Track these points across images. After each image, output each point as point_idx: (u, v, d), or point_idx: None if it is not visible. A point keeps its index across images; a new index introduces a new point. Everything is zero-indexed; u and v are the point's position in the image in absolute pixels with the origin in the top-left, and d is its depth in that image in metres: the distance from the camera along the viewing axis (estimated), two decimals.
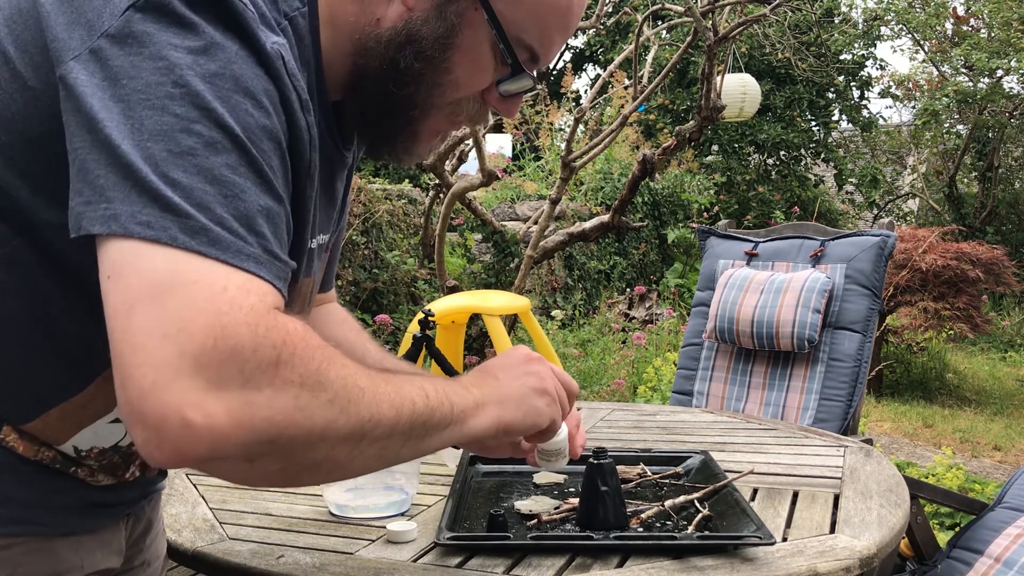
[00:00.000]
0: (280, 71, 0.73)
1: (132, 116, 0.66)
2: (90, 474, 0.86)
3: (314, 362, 0.66)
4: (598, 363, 5.65)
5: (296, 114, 0.75)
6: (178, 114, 0.66)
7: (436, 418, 0.77)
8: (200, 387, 0.61)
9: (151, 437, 0.62)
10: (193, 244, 0.64)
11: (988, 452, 4.98)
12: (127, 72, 0.67)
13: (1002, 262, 6.10)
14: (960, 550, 2.15)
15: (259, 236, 0.67)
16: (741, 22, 5.09)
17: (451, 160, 5.60)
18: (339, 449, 0.69)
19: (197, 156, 0.66)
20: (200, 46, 0.68)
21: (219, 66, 0.68)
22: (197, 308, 0.62)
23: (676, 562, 1.08)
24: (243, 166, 0.68)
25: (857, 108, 11.89)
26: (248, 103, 0.69)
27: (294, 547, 1.16)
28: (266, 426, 0.64)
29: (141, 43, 0.67)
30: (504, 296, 4.18)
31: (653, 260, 8.84)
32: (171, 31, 0.68)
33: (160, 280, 0.63)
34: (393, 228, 6.19)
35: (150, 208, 0.64)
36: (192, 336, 0.61)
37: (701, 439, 1.82)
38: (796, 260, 2.91)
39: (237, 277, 0.65)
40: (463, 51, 0.83)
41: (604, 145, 5.25)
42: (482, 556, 1.11)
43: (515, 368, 0.94)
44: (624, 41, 11.27)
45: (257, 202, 0.68)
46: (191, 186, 0.65)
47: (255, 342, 0.63)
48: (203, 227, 0.64)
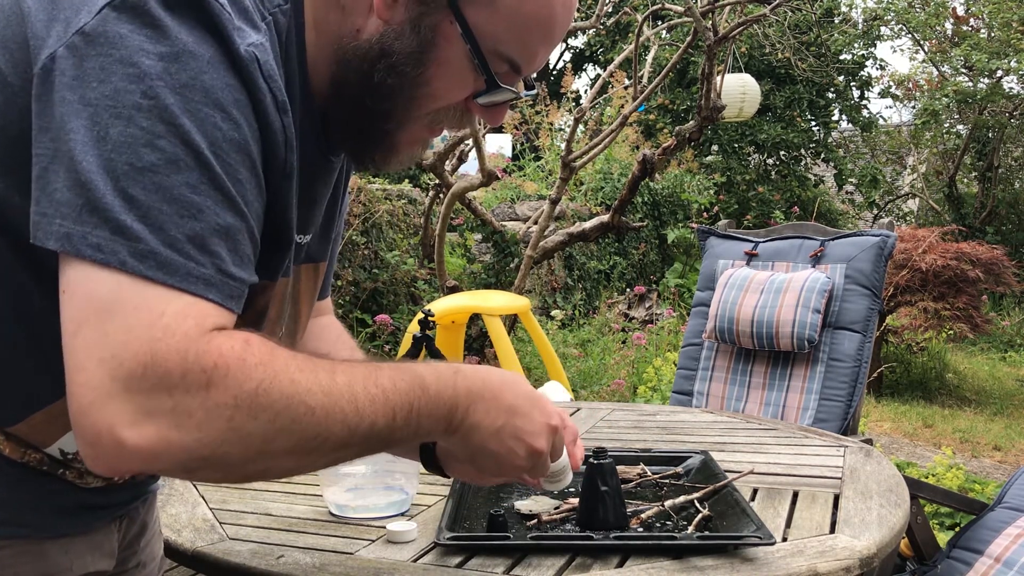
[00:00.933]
0: (254, 74, 0.72)
1: (98, 123, 0.66)
2: (79, 476, 0.85)
3: (251, 382, 0.67)
4: (598, 363, 5.65)
5: (270, 116, 0.74)
6: (143, 127, 0.66)
7: (395, 438, 0.77)
8: (130, 410, 0.64)
9: (88, 452, 0.66)
10: (141, 268, 0.65)
11: (988, 452, 4.98)
12: (97, 75, 0.67)
13: (1002, 262, 6.10)
14: (960, 550, 2.15)
15: (212, 256, 0.68)
16: (741, 22, 5.09)
17: (451, 160, 5.60)
18: (282, 460, 0.71)
19: (158, 173, 0.66)
20: (172, 52, 0.68)
21: (190, 76, 0.68)
22: (132, 334, 0.64)
23: (676, 562, 1.08)
24: (204, 184, 0.68)
25: (857, 108, 11.88)
26: (217, 115, 0.69)
27: (294, 547, 1.16)
28: (197, 446, 0.66)
29: (113, 45, 0.67)
30: (504, 296, 4.18)
31: (653, 260, 8.84)
32: (144, 34, 0.68)
33: (103, 305, 0.65)
34: (393, 228, 6.19)
35: (101, 230, 0.65)
36: (123, 362, 0.64)
37: (701, 439, 1.81)
38: (796, 260, 2.90)
39: (177, 302, 0.66)
40: (439, 64, 0.82)
41: (604, 145, 5.25)
42: (482, 556, 1.11)
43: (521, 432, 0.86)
44: (624, 41, 11.27)
45: (215, 221, 0.69)
46: (148, 205, 0.66)
47: (184, 368, 0.64)
48: (152, 251, 0.66)
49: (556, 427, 0.90)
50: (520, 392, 0.87)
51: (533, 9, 0.81)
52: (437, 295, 5.47)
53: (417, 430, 0.79)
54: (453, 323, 3.64)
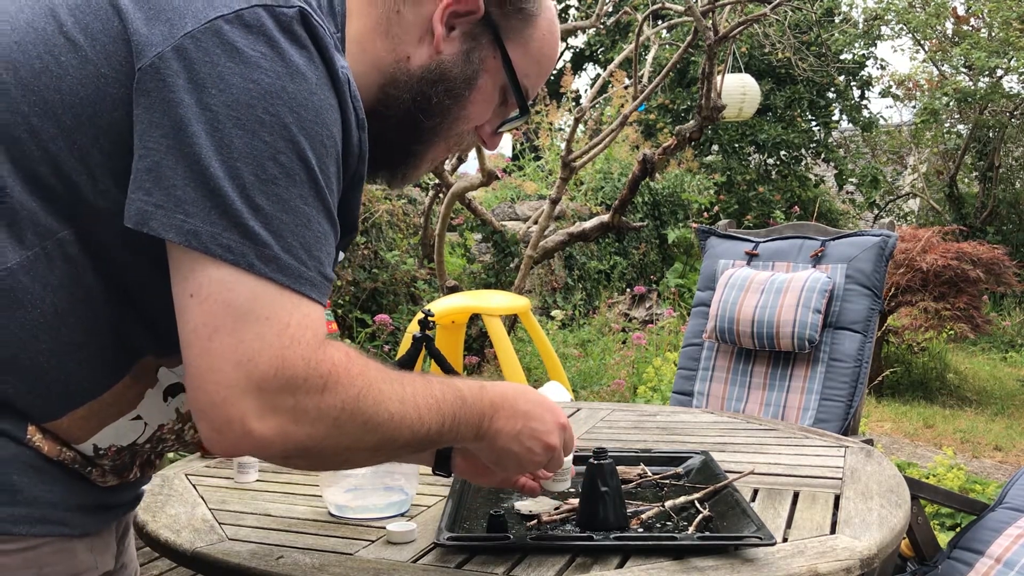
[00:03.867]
0: (347, 94, 0.80)
1: (220, 131, 0.73)
2: (101, 475, 0.87)
3: (354, 389, 0.78)
4: (598, 363, 5.65)
5: (352, 133, 0.82)
6: (267, 141, 0.74)
7: (443, 440, 0.91)
8: (259, 406, 0.74)
9: (215, 436, 0.75)
10: (266, 271, 0.74)
11: (989, 452, 4.98)
12: (215, 83, 0.73)
13: (1002, 262, 6.10)
14: (961, 550, 2.15)
15: (317, 261, 0.77)
16: (741, 21, 5.09)
17: (451, 160, 5.60)
18: (359, 456, 0.85)
19: (279, 185, 0.74)
20: (287, 72, 0.75)
21: (304, 96, 0.75)
22: (265, 342, 0.73)
23: (676, 563, 1.08)
24: (312, 196, 0.77)
25: (857, 108, 11.88)
26: (323, 134, 0.77)
27: (294, 547, 1.15)
28: (306, 441, 0.77)
29: (231, 56, 0.73)
30: (504, 296, 4.18)
31: (653, 260, 8.84)
32: (260, 50, 0.74)
33: (239, 312, 0.73)
34: (393, 228, 6.19)
35: (231, 232, 0.73)
36: (258, 366, 0.73)
37: (701, 439, 1.81)
38: (796, 260, 2.90)
39: (297, 312, 0.75)
40: (479, 91, 0.95)
41: (604, 145, 5.25)
42: (482, 556, 1.11)
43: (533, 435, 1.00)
44: (624, 41, 11.27)
45: (319, 230, 0.78)
46: (271, 214, 0.74)
47: (307, 373, 0.75)
48: (275, 256, 0.74)
49: (565, 425, 1.04)
50: (531, 399, 1.01)
51: (547, 49, 0.99)
52: (437, 295, 5.47)
53: (455, 436, 0.91)
54: (453, 323, 3.64)
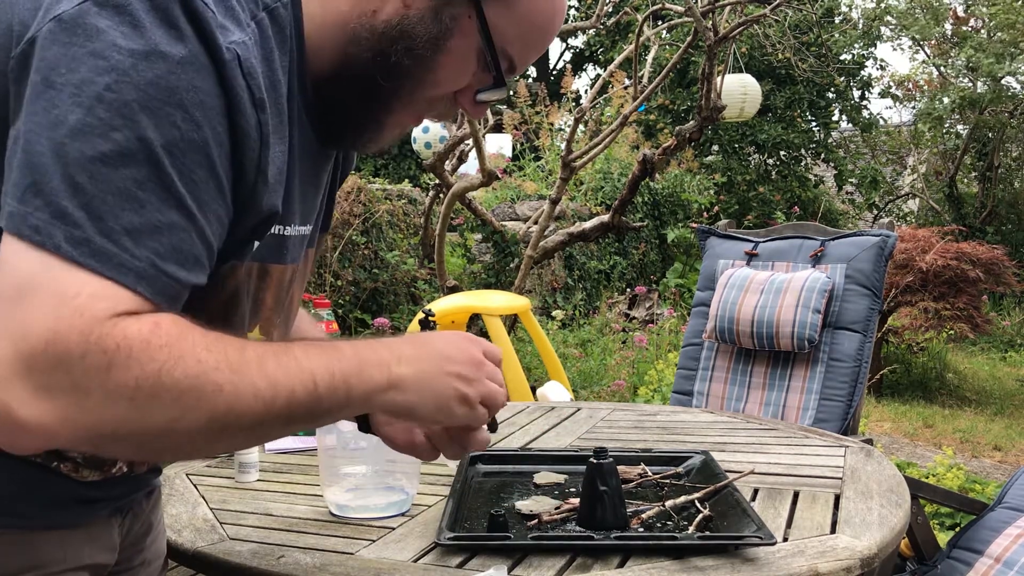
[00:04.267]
0: (233, 72, 0.74)
1: (58, 108, 0.68)
2: (74, 469, 0.85)
3: (154, 364, 0.68)
4: (598, 363, 5.65)
5: (245, 115, 0.76)
6: (102, 118, 0.68)
7: (324, 405, 0.78)
8: (30, 388, 0.65)
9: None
10: (74, 254, 0.66)
11: (988, 452, 4.98)
12: (67, 63, 0.69)
13: (1002, 262, 6.10)
14: (960, 550, 2.15)
15: (148, 250, 0.69)
16: (741, 22, 5.09)
17: (451, 160, 5.60)
18: (196, 437, 0.72)
19: (107, 164, 0.68)
20: (143, 50, 0.69)
21: (156, 74, 0.69)
22: (41, 312, 0.65)
23: (677, 562, 1.08)
24: (151, 181, 0.69)
25: (857, 108, 11.88)
26: (177, 115, 0.70)
27: (294, 547, 1.15)
28: (99, 426, 0.67)
29: (88, 36, 0.69)
30: (504, 296, 4.18)
31: (653, 260, 8.84)
32: (120, 30, 0.69)
33: (24, 282, 0.66)
34: (393, 228, 6.19)
35: (42, 212, 0.67)
36: (27, 339, 0.65)
37: (701, 439, 1.81)
38: (796, 260, 2.90)
39: (96, 285, 0.67)
40: (451, 54, 0.86)
41: (604, 145, 5.25)
42: (482, 556, 1.11)
43: (453, 363, 0.88)
44: (624, 41, 11.27)
45: (157, 217, 0.70)
46: (92, 193, 0.67)
47: (84, 348, 0.65)
48: (88, 238, 0.67)
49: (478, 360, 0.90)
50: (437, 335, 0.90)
51: (540, 17, 0.88)
52: (437, 295, 5.47)
53: (349, 395, 0.79)
54: (453, 323, 3.64)
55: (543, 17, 0.88)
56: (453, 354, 0.89)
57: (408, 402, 0.84)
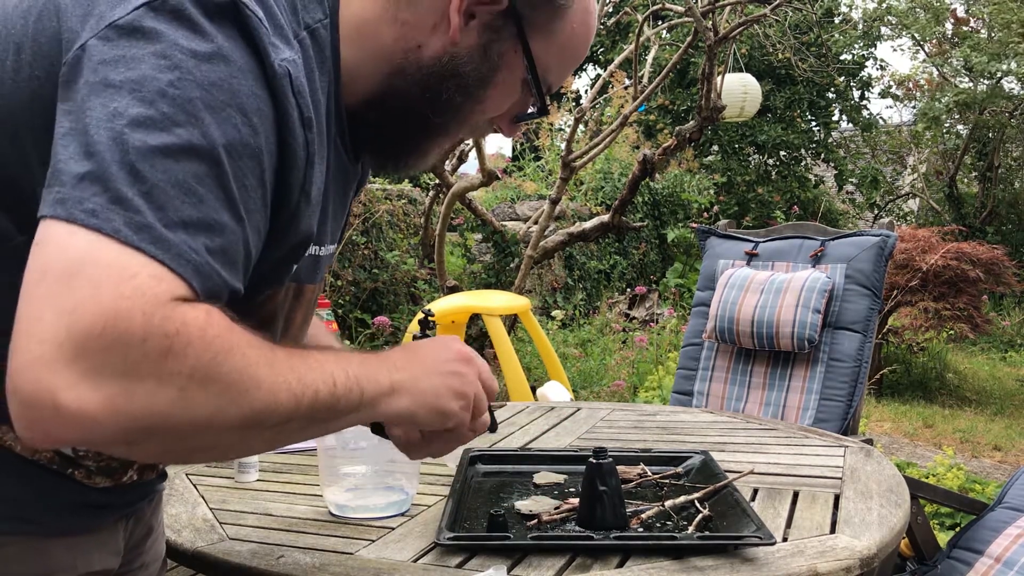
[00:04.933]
0: (284, 89, 0.74)
1: (117, 102, 0.66)
2: (87, 476, 0.85)
3: (208, 353, 0.65)
4: (598, 363, 5.65)
5: (294, 132, 0.75)
6: (165, 112, 0.67)
7: (341, 405, 0.77)
8: (77, 372, 0.60)
9: (22, 414, 0.62)
10: (133, 238, 0.64)
11: (988, 452, 4.98)
12: (127, 63, 0.68)
13: (1002, 262, 6.10)
14: (960, 550, 2.15)
15: (203, 246, 0.67)
16: (741, 22, 5.10)
17: (451, 160, 5.60)
18: (229, 435, 0.69)
19: (169, 156, 0.66)
20: (206, 52, 0.69)
21: (219, 76, 0.69)
22: (99, 289, 0.61)
23: (676, 562, 1.08)
24: (210, 179, 0.68)
25: (857, 108, 11.88)
26: (238, 118, 0.70)
27: (294, 547, 1.15)
28: (146, 415, 0.63)
29: (149, 39, 0.68)
30: (504, 296, 4.18)
31: (653, 260, 8.84)
32: (181, 32, 0.69)
33: (76, 263, 0.62)
34: (393, 228, 6.19)
35: (99, 197, 0.64)
36: (82, 317, 0.60)
37: (701, 439, 1.81)
38: (796, 260, 2.90)
39: (155, 268, 0.64)
40: (498, 87, 0.89)
41: (604, 145, 5.25)
42: (482, 556, 1.11)
43: (444, 363, 0.90)
44: (624, 41, 11.26)
45: (212, 216, 0.68)
46: (152, 182, 0.65)
47: (146, 331, 0.62)
48: (149, 224, 0.64)
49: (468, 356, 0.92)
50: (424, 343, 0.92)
51: (578, 42, 0.91)
52: (437, 295, 5.47)
53: (362, 397, 0.78)
54: (453, 323, 3.64)
55: (580, 42, 0.91)
56: (441, 353, 0.90)
57: (406, 407, 0.84)
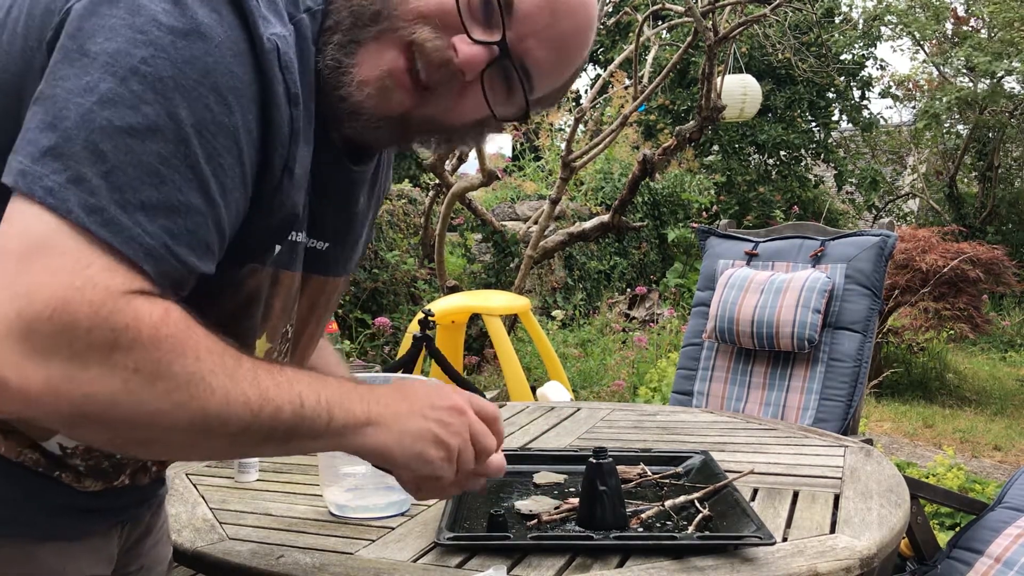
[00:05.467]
0: (271, 63, 0.74)
1: (90, 75, 0.67)
2: (76, 479, 0.84)
3: (157, 352, 0.66)
4: (598, 363, 5.65)
5: (280, 107, 0.75)
6: (134, 90, 0.67)
7: (304, 427, 0.76)
8: (24, 351, 0.63)
9: None
10: (86, 221, 0.65)
11: (988, 452, 4.98)
12: (104, 33, 0.68)
13: (1002, 262, 6.10)
14: (960, 550, 2.15)
15: (162, 229, 0.68)
16: (741, 22, 5.10)
17: (451, 160, 5.60)
18: (175, 436, 0.70)
19: (134, 136, 0.67)
20: (183, 29, 0.69)
21: (193, 54, 0.69)
22: (52, 276, 0.64)
23: (676, 562, 1.08)
24: (176, 159, 0.68)
25: (857, 108, 11.88)
26: (211, 97, 0.70)
27: (294, 547, 1.16)
28: (84, 402, 0.65)
29: (129, 10, 0.68)
30: (504, 296, 4.18)
31: (653, 260, 8.84)
32: (162, 6, 0.69)
33: (35, 241, 0.64)
34: (393, 228, 6.19)
35: (58, 175, 0.65)
36: (33, 302, 0.63)
37: (701, 439, 1.81)
38: (796, 260, 2.90)
39: (109, 259, 0.65)
40: None
41: (604, 145, 5.25)
42: (482, 556, 1.11)
43: (432, 408, 0.85)
44: (624, 41, 11.26)
45: (176, 197, 0.68)
46: (114, 163, 0.66)
47: (92, 322, 0.64)
48: (102, 207, 0.65)
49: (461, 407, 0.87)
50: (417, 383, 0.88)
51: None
52: (437, 295, 5.47)
53: (329, 423, 0.77)
54: (453, 323, 3.64)
55: None
56: (434, 398, 0.86)
57: (382, 442, 0.81)
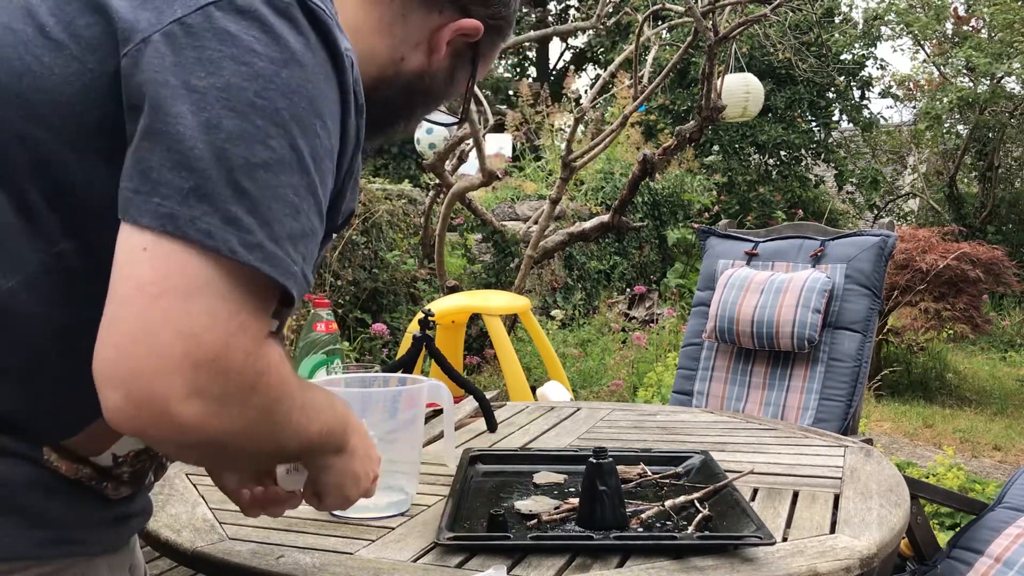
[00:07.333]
0: (349, 78, 0.77)
1: (208, 112, 0.68)
2: (115, 488, 0.84)
3: (276, 394, 0.73)
4: (598, 363, 5.65)
5: (351, 119, 0.79)
6: (258, 125, 0.69)
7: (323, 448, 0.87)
8: (187, 387, 0.67)
9: (129, 410, 0.67)
10: (249, 258, 0.68)
11: (988, 452, 4.98)
12: (205, 66, 0.69)
13: (1002, 262, 6.10)
14: (960, 550, 2.15)
15: (301, 257, 0.73)
16: (741, 22, 5.10)
17: (451, 160, 5.60)
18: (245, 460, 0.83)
19: (269, 170, 0.69)
20: (282, 57, 0.71)
21: (297, 83, 0.71)
22: (214, 320, 0.68)
23: (676, 562, 1.08)
24: (303, 188, 0.72)
25: (858, 108, 11.87)
26: (317, 124, 0.73)
27: (294, 547, 1.16)
28: (222, 434, 0.70)
29: (221, 40, 0.70)
30: (504, 296, 4.18)
31: (653, 260, 8.84)
32: (253, 35, 0.71)
33: (195, 283, 0.67)
34: (393, 228, 6.18)
35: (212, 217, 0.67)
36: (200, 346, 0.67)
37: (701, 439, 1.81)
38: (796, 260, 2.90)
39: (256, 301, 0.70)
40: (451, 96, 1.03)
41: (604, 145, 5.25)
42: (482, 556, 1.11)
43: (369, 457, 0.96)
44: (624, 41, 11.27)
45: (307, 225, 0.73)
46: (258, 199, 0.69)
47: (243, 367, 0.69)
48: (260, 243, 0.69)
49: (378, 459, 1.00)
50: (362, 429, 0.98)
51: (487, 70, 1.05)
52: (437, 295, 5.47)
53: (323, 446, 0.86)
54: (453, 323, 3.64)
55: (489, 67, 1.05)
56: (370, 447, 0.97)
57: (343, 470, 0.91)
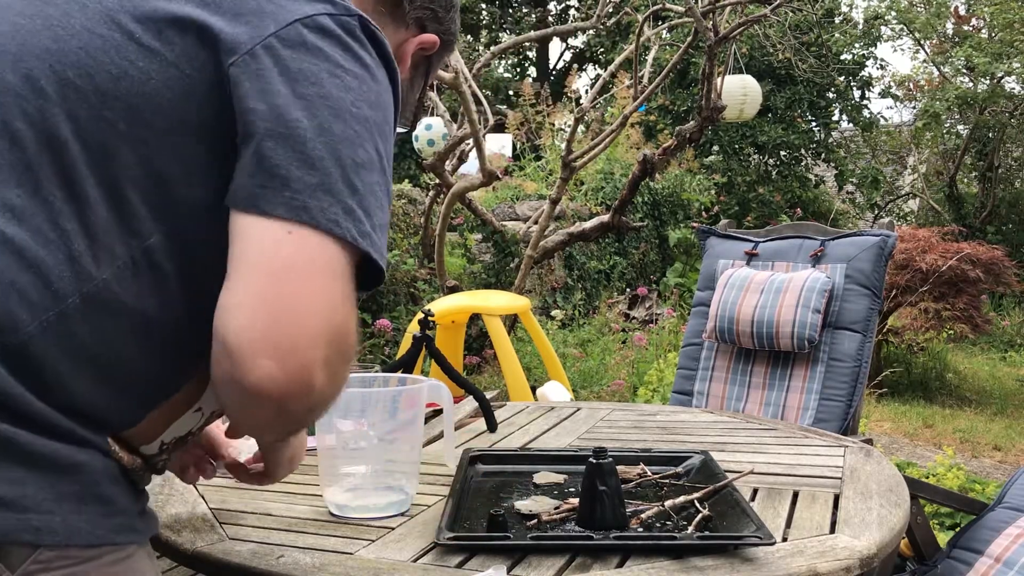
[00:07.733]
0: (398, 88, 0.88)
1: (318, 117, 0.78)
2: (147, 477, 0.89)
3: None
4: (598, 363, 5.65)
5: (395, 124, 0.89)
6: (357, 131, 0.80)
7: None
8: (323, 359, 0.76)
9: (278, 376, 0.74)
10: (363, 245, 0.79)
11: (988, 452, 4.98)
12: (307, 76, 0.79)
13: (1002, 262, 6.10)
14: (960, 550, 2.15)
15: (384, 244, 0.83)
16: (741, 22, 5.10)
17: (451, 160, 5.60)
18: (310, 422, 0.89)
19: (368, 170, 0.81)
20: (363, 74, 0.82)
21: (376, 96, 0.83)
22: (343, 298, 0.78)
23: (676, 562, 1.08)
24: (384, 186, 0.84)
25: (858, 108, 11.87)
26: (388, 130, 0.85)
27: (294, 547, 1.16)
28: (327, 401, 0.80)
29: (313, 55, 0.80)
30: (504, 296, 4.18)
31: (653, 260, 8.84)
32: (338, 52, 0.81)
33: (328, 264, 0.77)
34: (393, 228, 6.19)
35: (335, 208, 0.78)
36: (333, 319, 0.76)
37: (701, 439, 1.82)
38: (796, 260, 2.90)
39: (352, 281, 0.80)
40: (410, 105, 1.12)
41: (604, 145, 5.25)
42: (482, 556, 1.11)
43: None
44: (624, 41, 11.27)
45: (385, 217, 0.84)
46: (364, 194, 0.80)
47: (353, 341, 0.80)
48: (367, 232, 0.80)
49: None
50: None
51: None
52: (437, 295, 5.47)
53: None
54: (453, 323, 3.64)
55: None
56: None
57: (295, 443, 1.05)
